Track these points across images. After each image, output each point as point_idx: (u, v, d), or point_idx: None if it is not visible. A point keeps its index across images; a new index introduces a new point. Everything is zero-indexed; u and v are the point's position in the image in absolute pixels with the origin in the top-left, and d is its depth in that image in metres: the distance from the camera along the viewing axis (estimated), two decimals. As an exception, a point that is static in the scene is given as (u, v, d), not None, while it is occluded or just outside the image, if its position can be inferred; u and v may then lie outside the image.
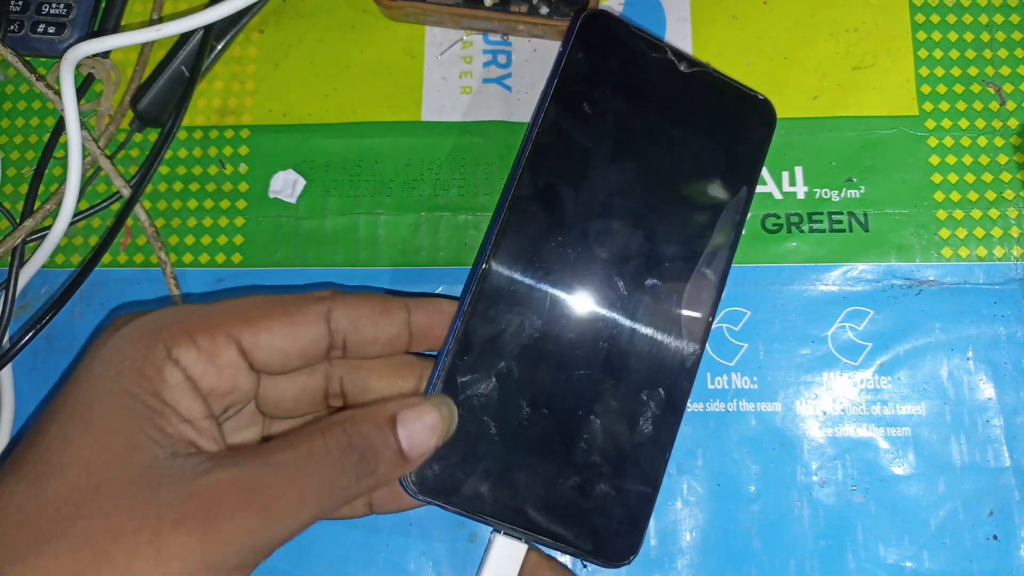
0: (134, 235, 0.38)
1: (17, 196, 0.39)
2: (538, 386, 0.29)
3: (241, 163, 0.38)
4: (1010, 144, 0.36)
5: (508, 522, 0.28)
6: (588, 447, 0.29)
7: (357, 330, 0.27)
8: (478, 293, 0.29)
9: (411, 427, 0.25)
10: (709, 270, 0.31)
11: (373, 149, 0.38)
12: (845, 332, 0.35)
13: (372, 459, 0.24)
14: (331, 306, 0.27)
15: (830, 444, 0.34)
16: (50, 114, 0.39)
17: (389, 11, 0.38)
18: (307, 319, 0.26)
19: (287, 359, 0.26)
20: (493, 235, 0.30)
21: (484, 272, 0.29)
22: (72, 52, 0.35)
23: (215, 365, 0.24)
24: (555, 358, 0.30)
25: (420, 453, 0.25)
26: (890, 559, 0.33)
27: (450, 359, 0.28)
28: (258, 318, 0.25)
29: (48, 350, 0.37)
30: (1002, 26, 0.38)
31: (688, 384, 0.31)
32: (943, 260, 0.35)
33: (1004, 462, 0.33)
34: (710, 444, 0.34)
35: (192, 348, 0.24)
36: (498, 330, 0.29)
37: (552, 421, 0.29)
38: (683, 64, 0.32)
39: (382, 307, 0.28)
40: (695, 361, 0.31)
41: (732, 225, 0.32)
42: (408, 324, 0.28)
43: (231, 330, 0.24)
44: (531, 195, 0.30)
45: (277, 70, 0.39)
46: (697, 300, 0.31)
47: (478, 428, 0.28)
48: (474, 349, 0.29)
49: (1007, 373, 0.34)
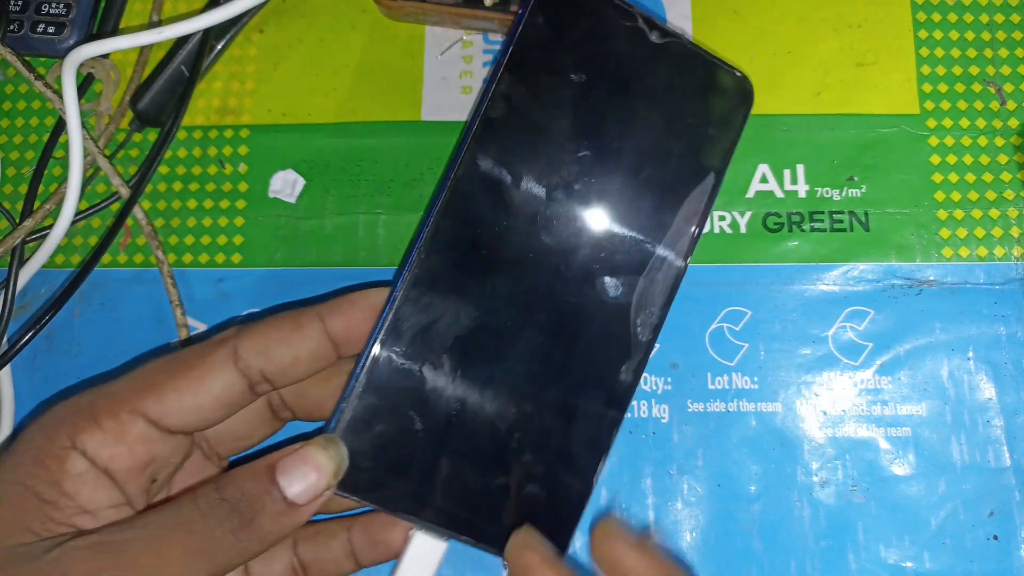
0: (134, 235, 0.38)
1: (17, 196, 0.38)
2: (470, 380, 0.27)
3: (241, 163, 0.38)
4: (1010, 144, 0.36)
5: (426, 519, 0.27)
6: (519, 447, 0.28)
7: (270, 359, 0.26)
8: (410, 281, 0.27)
9: (292, 473, 0.24)
10: (665, 265, 0.29)
11: (373, 149, 0.38)
12: (846, 332, 0.35)
13: (247, 511, 0.23)
14: (235, 344, 0.25)
15: (830, 444, 0.34)
16: (50, 114, 0.39)
17: (389, 11, 0.38)
18: (211, 369, 0.25)
19: (204, 414, 0.25)
20: (431, 217, 0.27)
21: (417, 258, 0.27)
22: (74, 54, 0.35)
23: (125, 444, 0.24)
24: (490, 351, 0.28)
25: (310, 497, 0.24)
26: (891, 559, 0.33)
27: (373, 353, 0.26)
28: (161, 383, 0.25)
29: (48, 350, 0.37)
30: (1003, 25, 0.38)
31: (632, 385, 0.29)
32: (944, 260, 0.35)
33: (1004, 462, 0.33)
34: (710, 444, 0.34)
35: (97, 432, 0.24)
36: (430, 320, 0.27)
37: (482, 417, 0.27)
38: (655, 34, 0.29)
39: (292, 324, 0.26)
40: (641, 362, 0.29)
41: (695, 215, 0.29)
42: (325, 334, 0.26)
43: (135, 404, 0.24)
44: (475, 175, 0.28)
45: (277, 70, 0.39)
46: (650, 297, 0.29)
47: (402, 423, 0.27)
48: (403, 339, 0.27)
49: (1007, 373, 0.34)
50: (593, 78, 0.28)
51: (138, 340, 0.36)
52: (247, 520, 0.23)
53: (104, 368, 0.36)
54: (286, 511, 0.23)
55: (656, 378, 0.35)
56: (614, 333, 0.29)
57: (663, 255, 0.29)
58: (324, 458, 0.24)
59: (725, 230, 0.36)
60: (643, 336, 0.29)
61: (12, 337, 0.36)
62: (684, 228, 0.29)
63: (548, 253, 0.28)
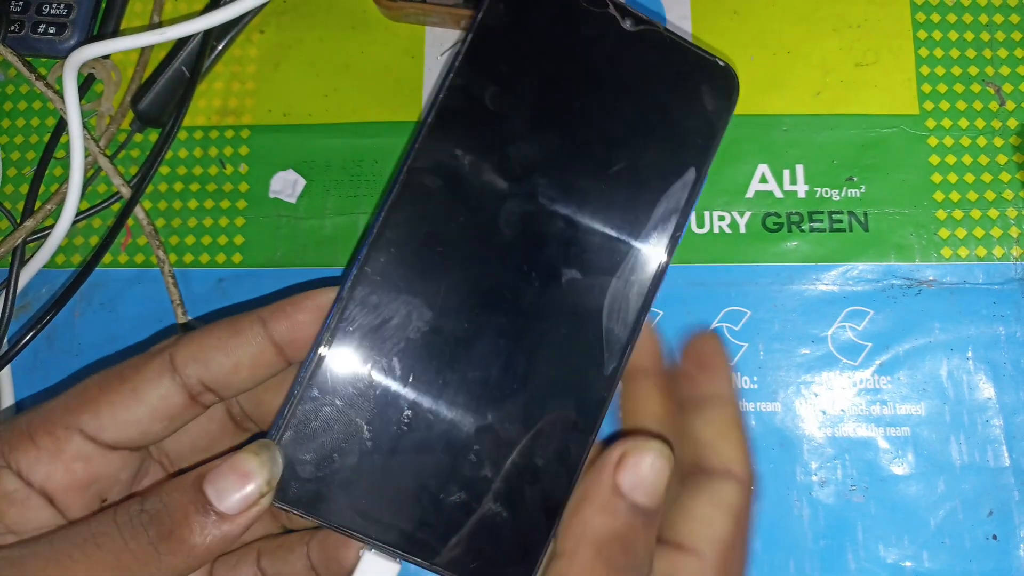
0: (135, 235, 0.38)
1: (18, 196, 0.39)
2: (424, 387, 0.25)
3: (241, 163, 0.38)
4: (1009, 144, 0.36)
5: (378, 539, 0.25)
6: (478, 460, 0.25)
7: (208, 367, 0.24)
8: (359, 280, 0.25)
9: (221, 482, 0.22)
10: (641, 266, 0.26)
11: (373, 149, 0.38)
12: (845, 332, 0.35)
13: (168, 521, 0.21)
14: (172, 352, 0.24)
15: (830, 444, 0.34)
16: (50, 114, 0.40)
17: (389, 11, 0.38)
18: (145, 380, 0.24)
19: (142, 428, 0.24)
20: (382, 212, 0.25)
21: (367, 255, 0.25)
22: (75, 55, 0.35)
23: (60, 461, 0.23)
24: (446, 356, 0.26)
25: (240, 507, 0.22)
26: (890, 559, 0.33)
27: (318, 357, 0.25)
28: (96, 397, 0.23)
29: (48, 350, 0.37)
30: (1002, 26, 0.38)
31: (605, 399, 0.26)
32: (943, 260, 0.35)
33: (1004, 462, 0.33)
34: (710, 444, 0.34)
35: (32, 449, 0.23)
36: (380, 321, 0.25)
37: (437, 428, 0.25)
38: (628, 21, 0.27)
39: (230, 330, 0.24)
40: (614, 375, 0.26)
41: (674, 213, 0.27)
42: (267, 339, 0.25)
43: (70, 420, 0.23)
44: (429, 167, 0.26)
45: (277, 70, 0.39)
46: (623, 300, 0.26)
47: (349, 432, 0.25)
48: (350, 342, 0.25)
49: (1006, 373, 0.34)
50: (559, 67, 0.27)
51: (138, 340, 0.36)
52: (166, 532, 0.21)
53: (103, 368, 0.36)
54: (214, 522, 0.22)
55: (656, 378, 0.35)
56: (583, 339, 0.26)
57: (638, 255, 0.27)
58: (255, 464, 0.22)
59: (725, 230, 0.36)
60: (616, 342, 0.26)
61: (13, 337, 0.36)
62: (662, 227, 0.27)
63: (510, 252, 0.26)
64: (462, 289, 0.26)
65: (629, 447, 0.22)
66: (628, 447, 0.22)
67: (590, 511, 0.22)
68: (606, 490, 0.22)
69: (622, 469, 0.22)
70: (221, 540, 0.22)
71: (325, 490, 0.24)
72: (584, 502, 0.23)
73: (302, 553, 0.27)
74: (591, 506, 0.22)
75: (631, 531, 0.22)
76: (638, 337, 0.26)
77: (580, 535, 0.22)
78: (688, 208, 0.27)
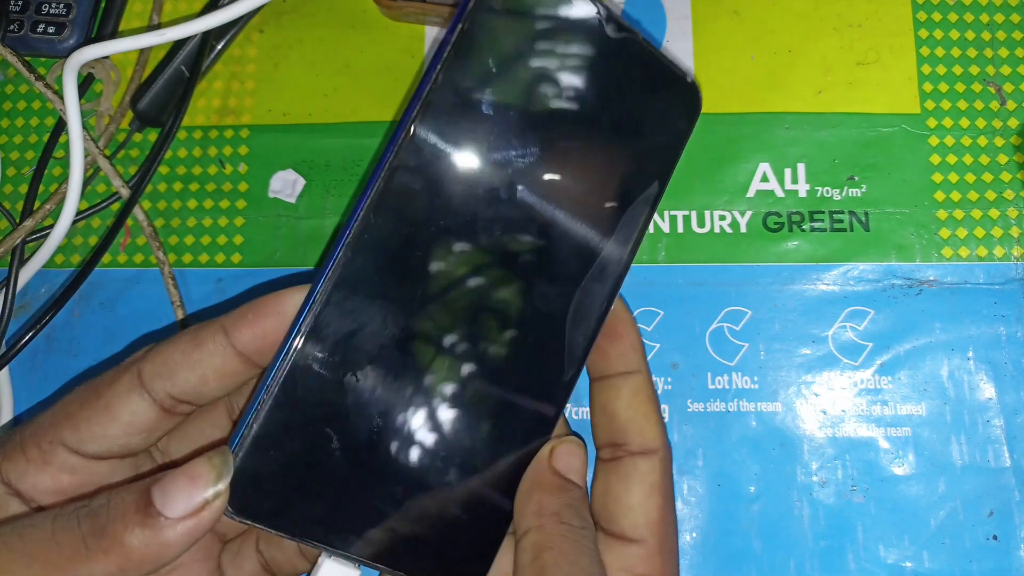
0: (134, 235, 0.38)
1: (17, 196, 0.39)
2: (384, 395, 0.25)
3: (241, 163, 0.38)
4: (1010, 144, 0.36)
5: (337, 547, 0.24)
6: (437, 466, 0.25)
7: (175, 382, 0.23)
8: (333, 282, 0.24)
9: (168, 485, 0.21)
10: (602, 275, 0.27)
11: (373, 149, 0.38)
12: (845, 332, 0.35)
13: (102, 517, 0.21)
14: (139, 368, 0.24)
15: (830, 444, 0.34)
16: (50, 114, 0.39)
17: (389, 11, 0.38)
18: (116, 397, 0.23)
19: (121, 441, 0.24)
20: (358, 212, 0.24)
21: (343, 257, 0.24)
22: (75, 56, 0.35)
23: (48, 473, 0.23)
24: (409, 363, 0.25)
25: (184, 511, 0.21)
26: (890, 559, 0.33)
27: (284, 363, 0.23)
28: (76, 413, 0.23)
29: (47, 350, 0.37)
30: (1003, 25, 0.38)
31: (561, 405, 0.27)
32: (943, 260, 0.35)
33: (1004, 462, 0.33)
34: (710, 444, 0.34)
35: (21, 460, 0.23)
36: (353, 328, 0.24)
37: (397, 435, 0.25)
38: (611, 27, 0.26)
39: (192, 342, 0.24)
40: (571, 382, 0.27)
41: (635, 224, 0.27)
42: (230, 347, 0.24)
43: (53, 434, 0.23)
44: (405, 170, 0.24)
45: (277, 70, 0.39)
46: (585, 310, 0.26)
47: (312, 443, 0.24)
48: (322, 347, 0.24)
49: (1007, 373, 0.34)
50: (541, 70, 0.26)
51: (137, 340, 0.36)
52: (99, 528, 0.21)
53: (103, 368, 0.36)
54: (152, 525, 0.21)
55: (656, 378, 0.35)
56: (548, 349, 0.26)
57: (600, 265, 0.26)
58: (206, 467, 0.22)
59: (725, 230, 0.36)
60: (577, 349, 0.27)
61: (12, 337, 0.36)
62: (623, 237, 0.27)
63: (482, 258, 0.25)
64: (436, 296, 0.25)
65: (555, 443, 0.27)
66: (554, 444, 0.27)
67: (540, 492, 0.26)
68: (549, 475, 0.26)
69: (556, 457, 0.26)
70: (158, 546, 0.21)
71: (283, 501, 0.23)
72: (533, 488, 0.26)
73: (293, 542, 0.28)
74: (540, 488, 0.26)
75: (577, 501, 0.26)
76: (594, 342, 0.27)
77: (540, 511, 0.25)
78: (647, 221, 0.27)
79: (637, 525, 0.27)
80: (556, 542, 0.25)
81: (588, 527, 0.26)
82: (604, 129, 0.26)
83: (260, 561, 0.28)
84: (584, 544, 0.25)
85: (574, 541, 0.25)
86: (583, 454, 0.27)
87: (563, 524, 0.25)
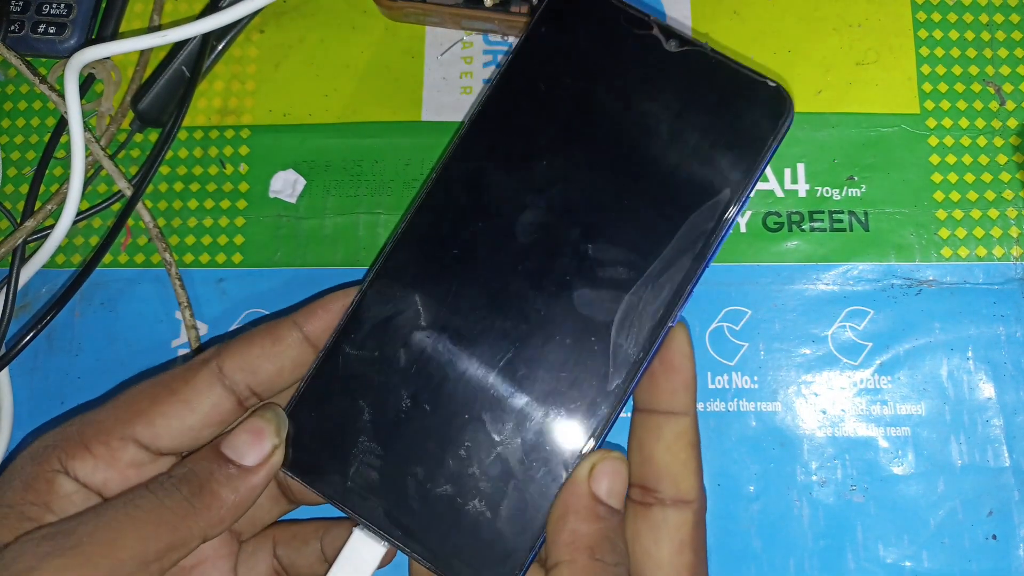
0: (135, 235, 0.38)
1: (18, 196, 0.39)
2: (426, 379, 0.26)
3: (241, 163, 0.38)
4: (1009, 144, 0.36)
5: (367, 519, 0.26)
6: (470, 458, 0.26)
7: (255, 373, 0.26)
8: (379, 273, 0.27)
9: (235, 440, 0.25)
10: (660, 285, 0.26)
11: (373, 149, 0.38)
12: (845, 332, 0.35)
13: (196, 479, 0.24)
14: (219, 363, 0.26)
15: (830, 444, 0.34)
16: (50, 114, 0.40)
17: (389, 11, 0.38)
18: (197, 390, 0.26)
19: (194, 434, 0.26)
20: (410, 211, 0.27)
21: (391, 249, 0.27)
22: (77, 57, 0.35)
23: (116, 469, 0.25)
24: (450, 352, 0.27)
25: (258, 458, 0.25)
26: (889, 559, 0.33)
27: (331, 340, 0.27)
28: (148, 409, 0.25)
29: (48, 350, 0.37)
30: (1002, 25, 0.38)
31: (606, 414, 0.26)
32: (943, 260, 0.35)
33: (1004, 462, 0.33)
34: (710, 444, 0.34)
35: (88, 458, 0.25)
36: (391, 313, 0.27)
37: (435, 420, 0.26)
38: (672, 43, 0.27)
39: (271, 337, 0.27)
40: (618, 391, 0.26)
41: (694, 239, 0.26)
42: (305, 340, 0.27)
43: (124, 431, 0.25)
44: (459, 174, 0.27)
45: (277, 70, 0.39)
46: (635, 320, 0.26)
47: (351, 412, 0.26)
48: (363, 328, 0.27)
49: (1007, 373, 0.34)
50: (597, 85, 0.27)
51: (138, 340, 0.36)
52: (196, 489, 0.24)
53: (104, 368, 0.36)
54: (238, 475, 0.25)
55: (656, 378, 0.35)
56: (589, 351, 0.26)
57: (655, 272, 0.26)
58: (263, 423, 0.25)
59: (725, 230, 0.36)
60: (624, 358, 0.26)
61: (13, 337, 0.36)
62: (684, 245, 0.26)
63: (528, 258, 0.27)
64: (474, 290, 0.27)
65: (597, 459, 0.25)
66: (595, 460, 0.25)
67: (575, 520, 0.24)
68: (586, 499, 0.24)
69: (596, 479, 0.25)
70: (248, 491, 0.25)
71: (324, 464, 0.26)
72: (568, 514, 0.24)
73: (316, 547, 0.29)
74: (576, 516, 0.24)
75: (613, 531, 0.24)
76: (651, 358, 0.26)
77: (572, 543, 0.24)
78: (717, 230, 0.26)
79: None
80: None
81: (622, 563, 0.24)
82: (668, 140, 0.27)
83: (275, 566, 0.29)
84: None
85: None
86: (626, 474, 0.25)
87: (597, 561, 0.24)
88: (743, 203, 0.26)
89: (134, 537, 0.23)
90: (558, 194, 0.27)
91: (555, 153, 0.27)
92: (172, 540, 0.23)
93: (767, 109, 0.27)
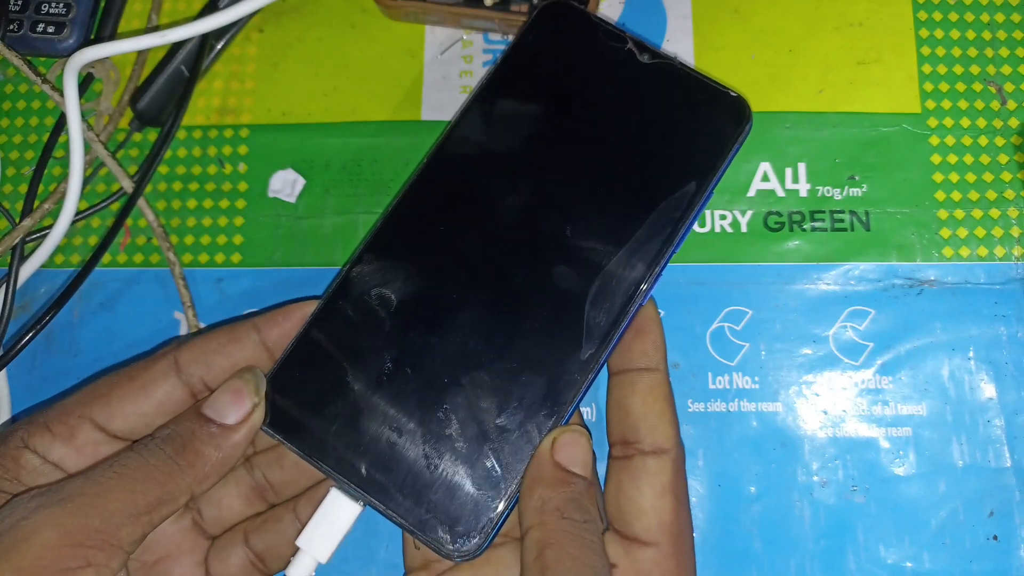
0: (134, 235, 0.38)
1: (16, 196, 0.38)
2: (406, 344, 0.28)
3: (240, 162, 0.38)
4: (1011, 144, 0.36)
5: (345, 477, 0.27)
6: (446, 420, 0.28)
7: (210, 367, 0.27)
8: (369, 242, 0.29)
9: (216, 401, 0.26)
10: (627, 266, 0.28)
11: (373, 149, 0.38)
12: (846, 332, 0.35)
13: (179, 438, 0.25)
14: (176, 355, 0.27)
15: (831, 444, 0.34)
16: (49, 113, 0.39)
17: (389, 11, 0.38)
18: (153, 378, 0.27)
19: (147, 420, 0.27)
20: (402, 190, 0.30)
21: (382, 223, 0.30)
22: (76, 57, 0.35)
23: (72, 446, 0.26)
24: (432, 319, 0.28)
25: (239, 416, 0.26)
26: (890, 559, 0.33)
27: (319, 306, 0.29)
28: (107, 392, 0.27)
29: (47, 350, 0.37)
30: (1003, 25, 0.38)
31: (578, 382, 0.28)
32: (944, 260, 0.35)
33: (1005, 462, 0.33)
34: (711, 444, 0.34)
35: (47, 435, 0.26)
36: (377, 281, 0.29)
37: (414, 384, 0.28)
38: (645, 56, 0.31)
39: (229, 336, 0.28)
40: (590, 361, 0.28)
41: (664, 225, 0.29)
42: (262, 344, 0.28)
43: (82, 411, 0.26)
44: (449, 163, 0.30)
45: (277, 69, 0.39)
46: (607, 294, 0.28)
47: (333, 373, 0.28)
48: (349, 296, 0.29)
49: (1008, 373, 0.34)
50: (577, 89, 0.31)
51: (137, 340, 0.36)
52: (180, 446, 0.25)
53: (102, 369, 0.36)
54: (220, 433, 0.26)
55: (656, 378, 0.35)
56: (564, 323, 0.28)
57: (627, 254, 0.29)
58: (241, 382, 0.27)
59: (726, 229, 0.36)
60: (596, 330, 0.28)
61: (12, 337, 0.36)
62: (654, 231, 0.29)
63: (508, 235, 0.29)
64: (458, 262, 0.29)
65: (557, 434, 0.27)
66: (556, 434, 0.27)
67: (542, 488, 0.26)
68: (551, 468, 0.26)
69: (558, 450, 0.26)
70: (231, 448, 0.26)
71: (304, 424, 0.28)
72: (535, 483, 0.26)
73: (291, 520, 0.29)
74: (542, 484, 0.26)
75: (580, 494, 0.26)
76: (622, 332, 0.28)
77: (541, 508, 0.25)
78: (685, 218, 0.29)
79: (649, 528, 0.27)
80: (558, 538, 0.25)
81: (592, 520, 0.26)
82: (639, 140, 0.30)
83: (249, 557, 0.29)
84: (586, 538, 0.25)
85: (576, 536, 0.25)
86: (587, 444, 0.27)
87: (565, 519, 0.25)
88: (708, 194, 0.29)
89: (123, 491, 0.24)
90: (539, 186, 0.30)
91: (538, 148, 0.30)
92: (160, 494, 0.24)
93: (730, 115, 0.30)
